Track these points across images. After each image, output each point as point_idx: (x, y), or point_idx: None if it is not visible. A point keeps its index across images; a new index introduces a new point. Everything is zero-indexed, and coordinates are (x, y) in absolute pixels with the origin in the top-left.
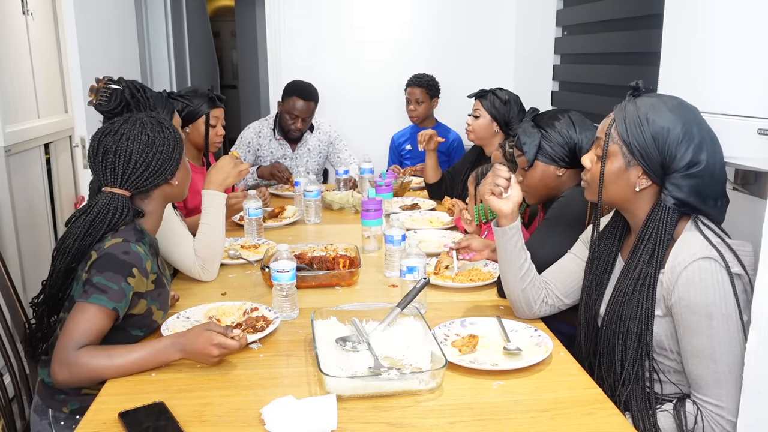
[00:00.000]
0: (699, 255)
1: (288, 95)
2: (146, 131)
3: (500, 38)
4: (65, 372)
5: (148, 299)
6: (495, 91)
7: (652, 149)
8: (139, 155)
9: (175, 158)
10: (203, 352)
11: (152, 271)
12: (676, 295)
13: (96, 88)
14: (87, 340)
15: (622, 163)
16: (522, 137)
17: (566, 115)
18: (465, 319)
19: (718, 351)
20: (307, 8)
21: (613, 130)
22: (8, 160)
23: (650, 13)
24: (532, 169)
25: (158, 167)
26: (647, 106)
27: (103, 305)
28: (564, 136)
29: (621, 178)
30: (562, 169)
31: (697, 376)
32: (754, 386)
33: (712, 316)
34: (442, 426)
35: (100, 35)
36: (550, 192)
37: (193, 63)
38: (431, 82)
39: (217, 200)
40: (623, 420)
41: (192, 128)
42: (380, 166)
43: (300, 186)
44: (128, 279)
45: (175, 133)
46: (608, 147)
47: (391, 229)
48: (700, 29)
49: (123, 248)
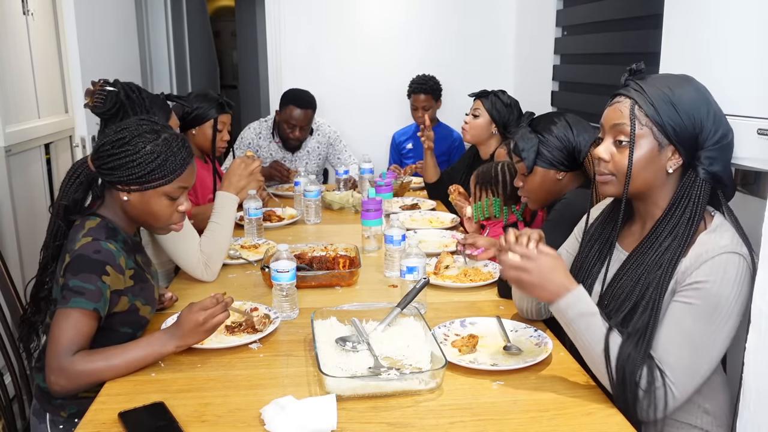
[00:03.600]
0: (729, 249)
1: (285, 104)
2: (149, 137)
3: (500, 38)
4: (62, 380)
5: (129, 295)
6: (497, 93)
7: (688, 124)
8: (121, 143)
9: (140, 177)
10: (192, 325)
11: (128, 267)
12: (692, 278)
13: (92, 90)
14: (77, 345)
15: (653, 145)
16: (520, 143)
17: (563, 119)
18: (465, 319)
19: (701, 341)
20: (307, 8)
21: (638, 112)
22: (8, 160)
23: (650, 13)
24: (531, 175)
25: (120, 165)
26: (669, 83)
27: (83, 307)
28: (562, 140)
29: (653, 161)
30: (562, 173)
31: (667, 352)
32: (754, 386)
33: (720, 308)
34: (442, 426)
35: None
36: (552, 196)
37: (193, 63)
38: (435, 87)
39: (230, 202)
40: (623, 420)
41: (198, 131)
42: (380, 167)
43: (300, 186)
44: (103, 277)
45: (166, 170)
46: (636, 131)
47: (391, 229)
48: (699, 29)
49: (93, 247)
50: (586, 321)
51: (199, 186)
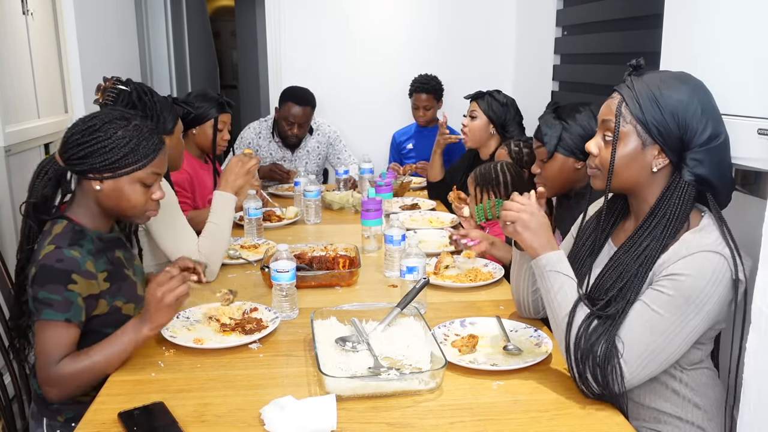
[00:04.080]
0: (710, 248)
1: (284, 101)
2: (120, 123)
3: (500, 38)
4: (54, 390)
5: (107, 298)
6: (492, 93)
7: (672, 125)
8: (92, 130)
9: (113, 163)
10: (154, 304)
11: (100, 270)
12: (669, 270)
13: (103, 87)
14: (59, 354)
15: (637, 143)
16: (543, 128)
17: (588, 108)
18: (465, 319)
19: (664, 329)
20: (307, 8)
21: (624, 110)
22: (8, 160)
23: (650, 13)
24: (551, 161)
25: (92, 152)
26: (658, 81)
27: (53, 319)
28: (585, 128)
29: (636, 160)
30: (581, 162)
31: (629, 331)
32: (754, 386)
33: (690, 301)
34: (442, 426)
35: (100, 35)
36: (568, 185)
37: (193, 63)
38: (437, 86)
39: (227, 201)
40: (623, 420)
41: (199, 130)
42: (380, 166)
43: (300, 186)
44: (69, 286)
45: (139, 154)
46: (620, 128)
47: (391, 229)
48: (699, 29)
49: (56, 256)
50: (561, 281)
51: (199, 186)
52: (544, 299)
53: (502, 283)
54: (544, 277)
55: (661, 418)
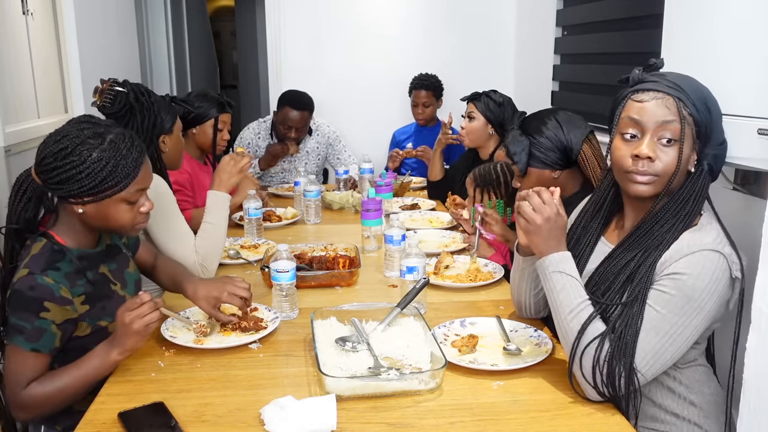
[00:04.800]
0: (711, 246)
1: (281, 105)
2: (93, 142)
3: (500, 38)
4: (22, 413)
5: (87, 320)
6: (488, 93)
7: (716, 124)
8: (64, 154)
9: (92, 189)
10: (122, 329)
11: (77, 294)
12: (670, 269)
13: (101, 89)
14: (26, 379)
15: (692, 143)
16: (511, 147)
17: (553, 118)
18: (465, 319)
19: (669, 330)
20: (307, 8)
21: (684, 111)
22: (8, 160)
23: (650, 13)
24: (527, 177)
25: (67, 178)
26: (695, 83)
27: (21, 347)
28: (553, 140)
29: (689, 160)
30: (557, 171)
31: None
32: (754, 386)
33: (692, 301)
34: (442, 426)
35: (100, 35)
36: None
37: (193, 63)
38: (437, 84)
39: (221, 200)
40: (623, 420)
41: (199, 130)
42: (380, 167)
43: (300, 186)
44: (41, 314)
45: (118, 176)
46: (685, 130)
47: (391, 229)
48: (699, 29)
49: (28, 283)
50: (564, 281)
51: (199, 187)
52: (548, 296)
53: (502, 283)
54: (549, 277)
55: (658, 416)
